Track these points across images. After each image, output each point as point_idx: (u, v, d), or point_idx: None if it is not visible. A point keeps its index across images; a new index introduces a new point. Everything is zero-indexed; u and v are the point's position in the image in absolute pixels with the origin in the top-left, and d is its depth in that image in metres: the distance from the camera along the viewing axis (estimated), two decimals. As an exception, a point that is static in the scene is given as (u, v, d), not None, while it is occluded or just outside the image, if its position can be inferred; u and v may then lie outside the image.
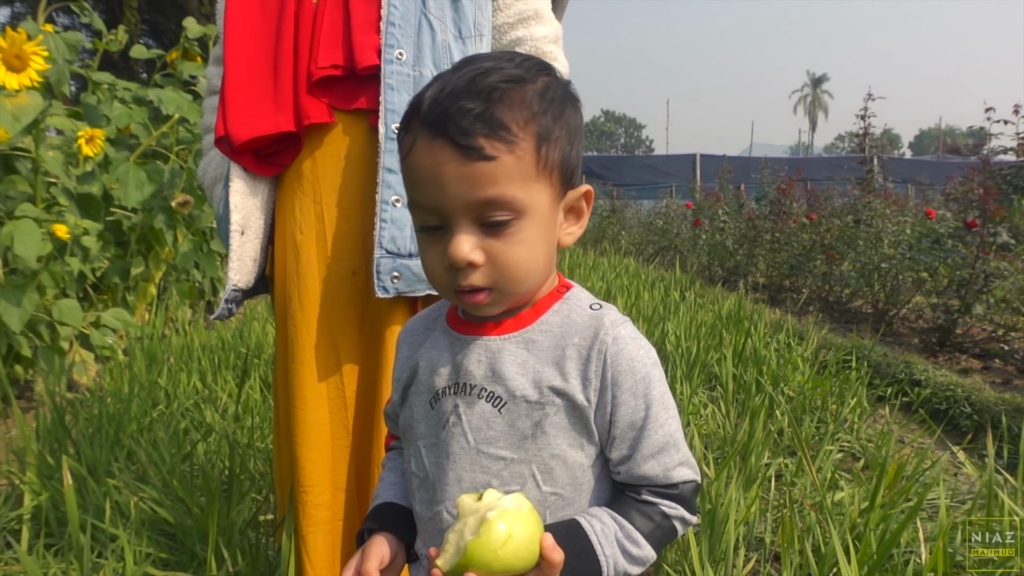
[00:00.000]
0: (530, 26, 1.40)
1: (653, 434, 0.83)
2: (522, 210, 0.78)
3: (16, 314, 2.86)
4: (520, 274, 0.80)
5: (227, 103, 1.28)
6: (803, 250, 6.61)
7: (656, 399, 0.83)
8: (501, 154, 0.76)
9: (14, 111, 2.71)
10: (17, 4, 21.76)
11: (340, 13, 1.27)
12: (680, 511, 0.84)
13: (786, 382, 3.26)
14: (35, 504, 1.84)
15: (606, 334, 0.82)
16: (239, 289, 1.32)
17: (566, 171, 0.82)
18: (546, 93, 0.80)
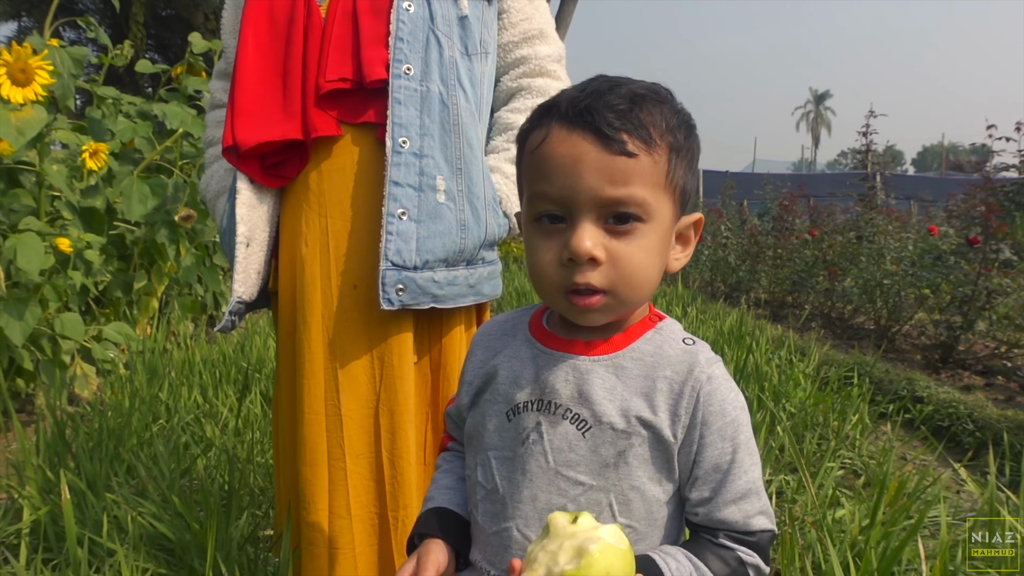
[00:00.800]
0: (535, 45, 1.42)
1: (737, 479, 0.82)
2: (649, 214, 0.78)
3: (18, 328, 2.86)
4: (637, 280, 0.79)
5: (236, 111, 1.29)
6: (805, 266, 6.61)
7: (743, 444, 0.83)
8: (641, 153, 0.77)
9: (19, 125, 2.73)
10: (24, 18, 21.93)
11: (349, 27, 1.28)
12: (756, 560, 0.82)
13: (788, 398, 3.25)
14: (34, 519, 1.84)
15: (701, 372, 0.82)
16: (243, 301, 1.32)
17: (685, 193, 0.82)
18: (679, 113, 0.81)
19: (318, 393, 1.28)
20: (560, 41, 1.48)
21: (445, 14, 1.31)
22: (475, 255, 1.33)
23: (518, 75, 1.43)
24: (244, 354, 3.75)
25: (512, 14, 1.42)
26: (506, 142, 1.40)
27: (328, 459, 1.29)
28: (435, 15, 1.29)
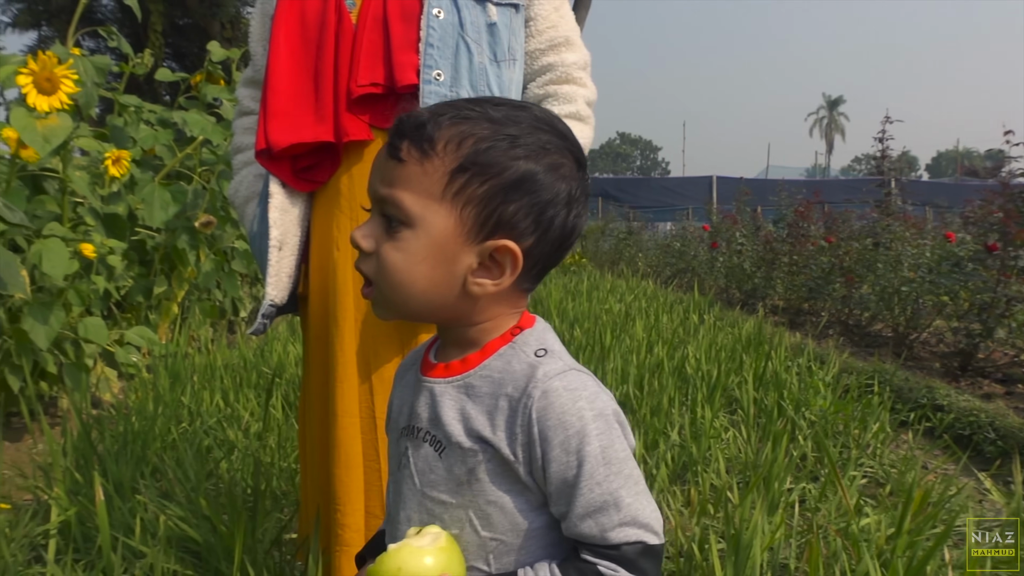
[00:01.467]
0: (561, 52, 1.44)
1: (588, 492, 0.79)
2: (411, 220, 0.80)
3: (43, 331, 2.89)
4: (394, 280, 0.82)
5: (268, 114, 1.30)
6: (822, 273, 6.58)
7: (592, 455, 0.79)
8: (411, 160, 0.80)
9: (44, 133, 2.76)
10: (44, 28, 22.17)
11: (380, 33, 1.30)
12: (619, 572, 0.80)
13: (807, 406, 3.24)
14: (62, 519, 1.86)
15: (535, 387, 0.80)
16: (275, 305, 1.34)
17: (486, 215, 0.80)
18: (499, 139, 0.80)
19: (352, 396, 1.29)
20: (585, 48, 1.49)
21: (474, 21, 1.32)
22: None
23: (545, 82, 1.44)
24: (264, 359, 3.77)
25: (539, 22, 1.43)
26: None
27: (363, 460, 1.30)
28: (464, 22, 1.31)
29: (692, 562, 1.87)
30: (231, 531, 1.62)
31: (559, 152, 0.83)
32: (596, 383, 0.84)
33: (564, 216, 0.83)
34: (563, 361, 0.83)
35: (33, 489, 2.23)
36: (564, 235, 0.84)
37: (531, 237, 0.82)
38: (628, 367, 3.45)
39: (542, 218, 0.82)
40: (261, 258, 1.37)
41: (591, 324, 5.07)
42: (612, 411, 0.83)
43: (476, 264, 0.82)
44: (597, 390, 0.83)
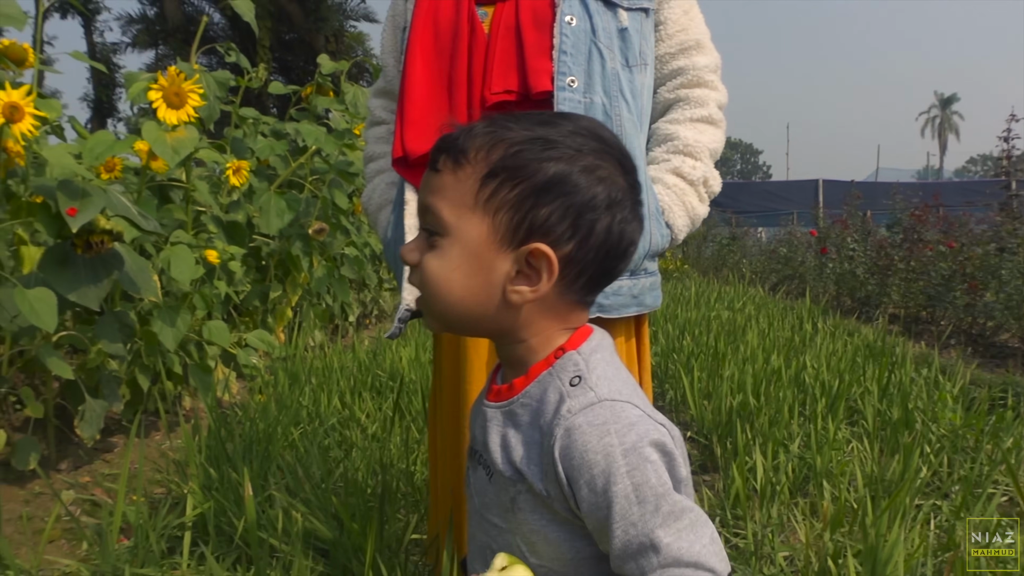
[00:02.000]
0: (692, 56, 1.41)
1: (623, 534, 0.74)
2: (445, 229, 0.81)
3: (171, 334, 3.03)
4: (432, 289, 0.82)
5: (405, 123, 1.33)
6: (942, 280, 6.27)
7: (621, 495, 0.74)
8: (445, 170, 0.81)
9: (173, 144, 2.89)
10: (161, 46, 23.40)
11: (513, 41, 1.30)
12: None
13: (935, 420, 3.08)
14: (198, 513, 1.93)
15: (558, 425, 0.77)
16: (411, 309, 1.35)
17: (518, 219, 0.79)
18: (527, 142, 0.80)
19: None
20: (716, 51, 1.47)
21: (606, 27, 1.31)
22: (639, 265, 1.32)
23: (675, 86, 1.42)
24: (377, 362, 3.85)
25: (669, 25, 1.41)
26: (666, 153, 1.39)
27: None
28: (597, 28, 1.30)
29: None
30: (362, 530, 1.65)
31: (596, 155, 0.81)
32: (636, 410, 0.78)
33: (607, 221, 0.80)
34: (595, 391, 0.79)
35: (167, 483, 2.34)
36: (611, 241, 0.81)
37: (570, 242, 0.79)
38: (744, 376, 3.36)
39: (580, 221, 0.79)
40: (396, 264, 1.39)
41: (702, 331, 4.98)
42: (652, 441, 0.76)
43: (514, 271, 0.80)
44: (633, 421, 0.77)
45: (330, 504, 1.93)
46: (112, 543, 1.78)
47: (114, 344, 2.77)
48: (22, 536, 2.22)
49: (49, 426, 2.86)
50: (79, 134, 3.72)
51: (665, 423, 0.80)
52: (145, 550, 1.78)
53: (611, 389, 0.79)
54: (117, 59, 27.17)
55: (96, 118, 25.79)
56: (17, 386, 2.99)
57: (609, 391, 0.79)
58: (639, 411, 0.78)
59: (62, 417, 3.02)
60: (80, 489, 2.64)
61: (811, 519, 2.28)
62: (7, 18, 2.63)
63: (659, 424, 0.79)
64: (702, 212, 1.39)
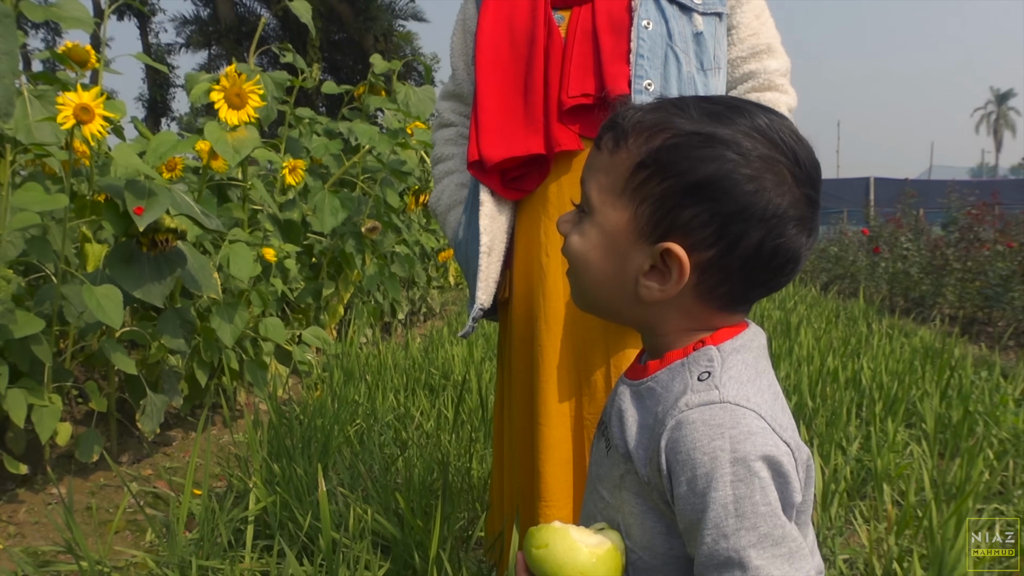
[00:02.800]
0: (763, 60, 1.41)
1: (712, 543, 0.71)
2: (591, 207, 0.81)
3: (229, 330, 3.09)
4: (574, 265, 0.84)
5: (481, 127, 1.34)
6: (1000, 280, 6.11)
7: (718, 502, 0.70)
8: (605, 149, 0.80)
9: (235, 144, 2.94)
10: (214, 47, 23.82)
11: (590, 45, 1.31)
12: None
13: (997, 423, 3.01)
14: (261, 506, 1.97)
15: (671, 415, 0.74)
16: (483, 309, 1.37)
17: (660, 215, 0.76)
18: (690, 135, 0.75)
19: (561, 398, 1.31)
20: (786, 55, 1.46)
21: (681, 31, 1.32)
22: None
23: (747, 90, 1.42)
24: (430, 359, 3.88)
25: (741, 29, 1.41)
26: None
27: (572, 457, 1.32)
28: (672, 32, 1.31)
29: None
30: (425, 526, 1.67)
31: (765, 160, 0.74)
32: (760, 422, 0.73)
33: (760, 234, 0.74)
34: (720, 391, 0.74)
35: (229, 476, 2.38)
36: (762, 256, 0.76)
37: (711, 249, 0.75)
38: (800, 376, 3.32)
39: (726, 230, 0.74)
40: (467, 264, 1.41)
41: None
42: (764, 456, 0.71)
43: (647, 266, 0.78)
44: (752, 431, 0.72)
45: (391, 501, 1.95)
46: (179, 535, 1.82)
47: (175, 340, 2.84)
48: (88, 527, 2.29)
49: (111, 419, 2.94)
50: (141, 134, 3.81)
51: (793, 443, 0.74)
52: (211, 542, 1.82)
53: (739, 393, 0.74)
54: (171, 60, 27.77)
55: (151, 118, 26.36)
56: (80, 380, 3.08)
57: (736, 394, 0.74)
58: (763, 423, 0.73)
59: (123, 411, 3.09)
60: (142, 482, 2.70)
61: (873, 522, 2.24)
62: (75, 21, 2.70)
63: (783, 442, 0.73)
64: None
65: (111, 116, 2.50)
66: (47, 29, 25.81)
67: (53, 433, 2.46)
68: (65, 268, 2.54)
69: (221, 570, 1.73)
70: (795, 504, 0.73)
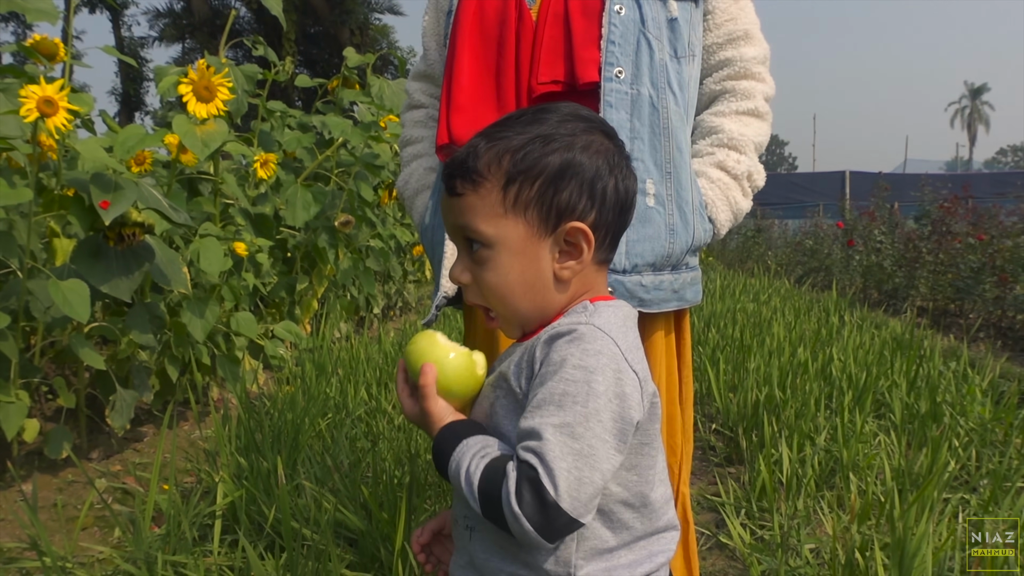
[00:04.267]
0: (739, 47, 1.38)
1: (529, 418, 0.81)
2: (489, 242, 0.89)
3: (200, 325, 3.07)
4: (497, 297, 0.91)
5: (452, 109, 1.31)
6: (971, 272, 6.20)
7: (549, 390, 0.80)
8: (466, 192, 0.90)
9: (203, 137, 2.92)
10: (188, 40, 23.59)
11: (561, 29, 1.28)
12: (526, 466, 0.78)
13: (964, 414, 3.05)
14: (229, 501, 1.96)
15: (547, 331, 0.87)
16: (447, 296, 1.35)
17: (546, 210, 0.89)
18: (528, 143, 0.89)
19: None
20: (765, 42, 1.43)
21: (655, 17, 1.29)
22: (681, 260, 1.31)
23: (722, 77, 1.40)
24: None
25: (717, 15, 1.39)
26: (710, 146, 1.37)
27: None
28: (646, 18, 1.28)
29: (854, 570, 1.78)
30: (391, 519, 1.66)
31: (586, 132, 0.91)
32: (614, 348, 0.83)
33: (613, 183, 0.91)
34: (589, 318, 0.87)
35: (197, 471, 2.37)
36: (620, 198, 0.92)
37: (592, 211, 0.90)
38: (771, 368, 3.34)
39: (594, 192, 0.90)
40: (433, 250, 1.38)
41: (727, 323, 4.95)
42: (606, 372, 0.81)
43: (557, 253, 0.90)
44: (602, 351, 0.82)
45: (359, 494, 1.95)
46: (145, 530, 1.81)
47: (144, 335, 2.81)
48: (55, 523, 2.27)
49: (80, 416, 2.91)
50: (110, 128, 3.77)
51: (642, 374, 0.86)
52: (177, 537, 1.81)
53: (603, 323, 0.86)
54: (144, 53, 27.44)
55: (124, 112, 26.07)
56: (49, 376, 3.05)
57: (601, 322, 0.86)
58: (616, 349, 0.84)
59: (93, 407, 3.07)
60: (111, 478, 2.68)
61: (838, 512, 2.27)
62: (40, 13, 2.66)
63: (631, 369, 0.84)
64: (745, 207, 1.38)
65: (76, 109, 2.46)
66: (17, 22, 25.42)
67: (20, 430, 2.43)
68: (31, 263, 2.51)
69: (187, 565, 1.72)
70: (633, 421, 0.83)
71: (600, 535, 0.87)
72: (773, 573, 1.97)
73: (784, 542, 2.09)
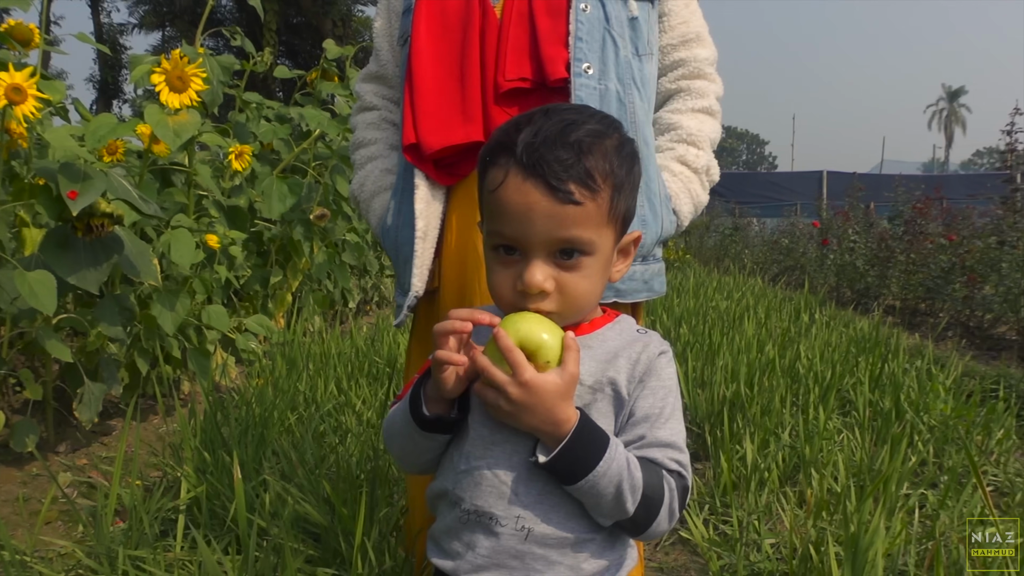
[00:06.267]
0: (692, 48, 1.43)
1: (662, 429, 0.91)
2: (593, 250, 0.88)
3: (170, 318, 3.05)
4: (583, 304, 0.91)
5: (418, 112, 1.32)
6: (941, 272, 6.28)
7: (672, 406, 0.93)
8: (587, 200, 0.86)
9: (176, 128, 2.90)
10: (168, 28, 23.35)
11: (526, 28, 1.30)
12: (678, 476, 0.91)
13: (926, 410, 3.10)
14: (192, 496, 1.96)
15: (652, 349, 0.94)
16: (419, 296, 1.35)
17: (628, 219, 0.93)
18: (621, 149, 0.89)
19: None
20: (713, 45, 1.48)
21: (618, 15, 1.33)
22: (650, 251, 1.35)
23: (676, 77, 1.44)
24: (375, 349, 3.87)
25: (672, 17, 1.43)
26: (670, 141, 1.41)
27: None
28: (610, 16, 1.31)
29: (808, 564, 1.82)
30: (352, 514, 1.67)
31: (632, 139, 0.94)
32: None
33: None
34: (661, 339, 0.98)
35: (163, 466, 2.37)
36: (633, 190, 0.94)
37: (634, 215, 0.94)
38: (739, 365, 3.38)
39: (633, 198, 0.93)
40: (398, 250, 1.38)
41: (698, 321, 4.99)
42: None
43: (616, 256, 0.94)
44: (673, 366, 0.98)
45: (322, 489, 1.96)
46: (107, 525, 1.81)
47: (113, 327, 2.80)
48: (19, 517, 2.25)
49: (48, 408, 2.89)
50: (82, 116, 3.73)
51: None
52: (139, 532, 1.81)
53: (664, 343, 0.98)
54: (124, 40, 27.12)
55: (102, 100, 25.78)
56: (17, 368, 3.02)
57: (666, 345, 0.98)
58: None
59: (61, 400, 3.04)
60: (77, 472, 2.67)
61: (796, 507, 2.30)
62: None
63: None
64: (704, 199, 1.43)
65: (46, 97, 2.45)
66: (-7, 7, 25.05)
67: (-16, 421, 2.42)
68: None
69: (148, 560, 1.72)
70: None
71: None
72: (732, 568, 2.00)
73: (743, 537, 2.12)
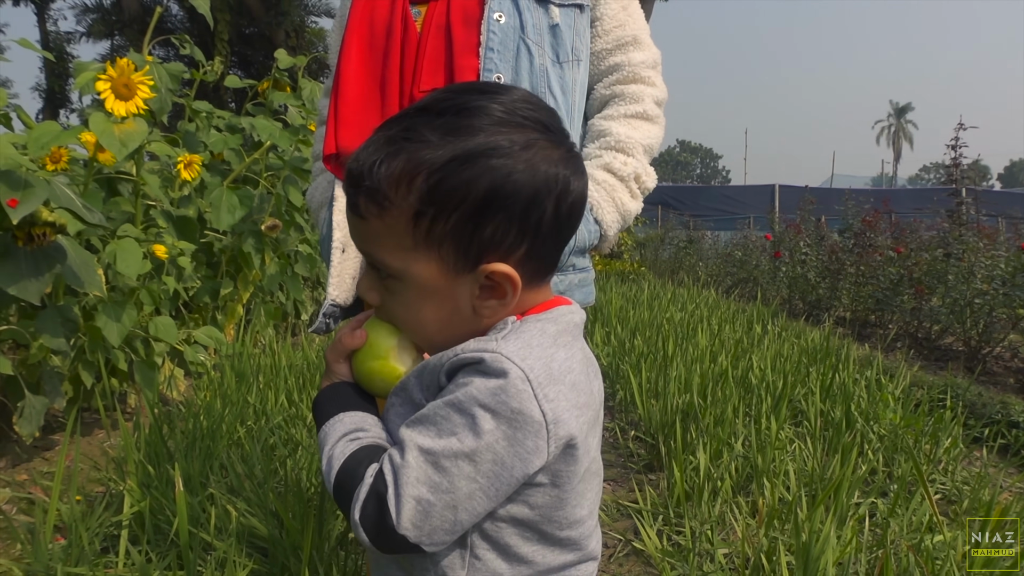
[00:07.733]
0: (628, 52, 1.42)
1: (404, 427, 0.75)
2: (397, 274, 0.78)
3: (116, 329, 2.97)
4: (407, 327, 0.81)
5: (339, 122, 1.32)
6: (890, 284, 6.41)
7: (431, 408, 0.74)
8: (371, 217, 0.76)
9: (121, 137, 2.84)
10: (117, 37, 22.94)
11: (443, 39, 1.31)
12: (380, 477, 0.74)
13: (876, 420, 3.15)
14: (135, 511, 1.91)
15: (453, 359, 0.75)
16: (337, 305, 1.35)
17: (464, 247, 0.75)
18: (449, 164, 0.73)
19: None
20: (655, 47, 1.48)
21: (536, 23, 1.32)
22: (564, 262, 1.32)
23: (611, 82, 1.43)
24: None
25: (605, 21, 1.43)
26: (598, 149, 1.40)
27: None
28: (526, 24, 1.31)
29: (760, 574, 1.82)
30: (300, 528, 1.64)
31: (524, 147, 0.75)
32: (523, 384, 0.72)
33: (554, 205, 0.76)
34: (499, 343, 0.75)
35: (106, 481, 2.30)
36: (561, 219, 0.78)
37: (523, 244, 0.77)
38: (692, 376, 3.40)
39: (527, 223, 0.76)
40: (328, 259, 1.39)
41: (652, 332, 5.02)
42: (499, 410, 0.71)
43: (477, 290, 0.78)
44: (504, 388, 0.71)
45: (270, 502, 1.91)
46: (45, 542, 1.75)
47: (56, 339, 2.71)
48: (-45, 535, 2.17)
49: (-13, 422, 2.79)
50: (25, 124, 3.64)
51: (552, 416, 0.73)
52: (79, 549, 1.75)
53: (516, 352, 0.74)
54: (71, 49, 26.59)
55: (48, 109, 25.21)
56: (-44, 381, 2.92)
57: (511, 351, 0.74)
58: (526, 385, 0.72)
59: (1, 414, 2.95)
60: (17, 487, 2.58)
61: (749, 517, 2.32)
62: (-53, 4, 2.56)
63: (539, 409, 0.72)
64: (633, 208, 1.39)
65: (-16, 104, 2.38)
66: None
67: (-83, 437, 2.32)
68: (-68, 263, 2.40)
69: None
70: (522, 470, 0.73)
71: (494, 568, 0.79)
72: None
73: (696, 547, 2.13)
